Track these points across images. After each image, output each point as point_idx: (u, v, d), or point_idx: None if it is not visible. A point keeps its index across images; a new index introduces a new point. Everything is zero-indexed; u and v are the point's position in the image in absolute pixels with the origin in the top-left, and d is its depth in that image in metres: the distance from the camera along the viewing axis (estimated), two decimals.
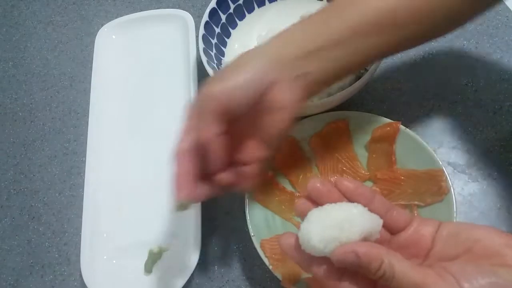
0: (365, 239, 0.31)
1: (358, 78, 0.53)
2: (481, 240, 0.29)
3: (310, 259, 0.32)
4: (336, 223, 0.31)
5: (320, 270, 0.32)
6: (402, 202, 0.50)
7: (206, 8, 0.59)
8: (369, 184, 0.52)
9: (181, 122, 0.42)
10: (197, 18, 0.65)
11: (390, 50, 0.42)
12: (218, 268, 0.52)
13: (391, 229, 0.34)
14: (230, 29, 0.62)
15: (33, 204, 0.60)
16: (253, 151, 0.41)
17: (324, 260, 0.31)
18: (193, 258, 0.49)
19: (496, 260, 0.28)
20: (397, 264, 0.29)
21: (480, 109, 0.57)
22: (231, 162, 0.41)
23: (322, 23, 0.39)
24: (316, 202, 0.34)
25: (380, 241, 0.32)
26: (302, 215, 0.34)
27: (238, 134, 0.41)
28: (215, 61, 0.58)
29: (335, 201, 0.33)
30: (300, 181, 0.53)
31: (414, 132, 0.50)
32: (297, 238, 0.33)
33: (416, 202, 0.49)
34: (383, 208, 0.33)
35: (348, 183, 0.34)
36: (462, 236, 0.30)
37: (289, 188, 0.53)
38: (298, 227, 0.50)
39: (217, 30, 0.61)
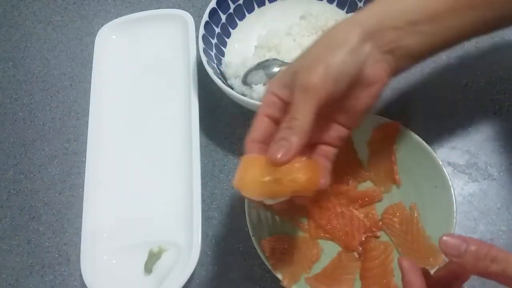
0: None
1: None
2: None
3: None
4: None
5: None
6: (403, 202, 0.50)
7: (206, 8, 0.59)
8: (369, 184, 0.52)
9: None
10: (197, 18, 0.65)
11: (485, 28, 0.41)
12: (218, 268, 0.52)
13: None
14: (230, 29, 0.62)
15: (33, 204, 0.60)
16: (336, 130, 0.40)
17: None
18: (193, 258, 0.49)
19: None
20: None
21: (480, 109, 0.57)
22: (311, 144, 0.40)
23: None
24: None
25: None
26: None
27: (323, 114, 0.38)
28: (215, 61, 0.58)
29: None
30: None
31: (414, 132, 0.50)
32: None
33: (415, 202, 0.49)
34: None
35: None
36: None
37: None
38: (298, 227, 0.50)
39: (217, 30, 0.61)
